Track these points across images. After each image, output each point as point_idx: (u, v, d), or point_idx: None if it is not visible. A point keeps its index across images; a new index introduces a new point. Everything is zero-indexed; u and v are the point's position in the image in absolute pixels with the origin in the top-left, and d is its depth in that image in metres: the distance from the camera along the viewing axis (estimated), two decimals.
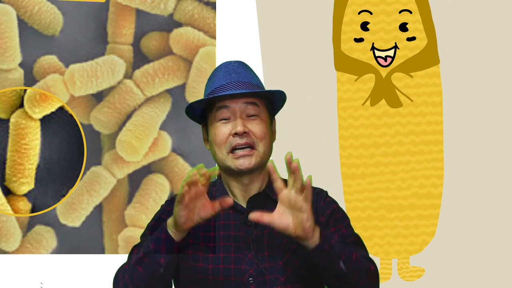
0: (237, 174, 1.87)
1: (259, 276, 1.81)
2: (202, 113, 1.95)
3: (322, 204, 1.92)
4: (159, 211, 1.96)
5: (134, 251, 1.84)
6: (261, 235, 1.84)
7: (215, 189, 1.93)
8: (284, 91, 1.91)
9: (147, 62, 2.89)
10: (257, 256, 1.83)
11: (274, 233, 1.84)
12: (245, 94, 1.85)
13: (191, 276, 1.84)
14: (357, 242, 1.91)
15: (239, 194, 1.91)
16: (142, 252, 1.77)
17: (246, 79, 1.87)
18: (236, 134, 1.83)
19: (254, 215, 1.70)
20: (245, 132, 1.83)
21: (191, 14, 2.89)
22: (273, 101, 1.94)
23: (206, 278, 1.82)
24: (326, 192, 1.97)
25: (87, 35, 2.87)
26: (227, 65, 1.92)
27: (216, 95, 1.85)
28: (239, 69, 1.90)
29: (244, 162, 1.84)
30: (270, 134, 1.90)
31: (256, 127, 1.85)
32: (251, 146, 1.84)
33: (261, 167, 1.89)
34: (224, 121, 1.86)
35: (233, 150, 1.84)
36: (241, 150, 1.84)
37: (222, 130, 1.85)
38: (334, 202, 1.95)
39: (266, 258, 1.83)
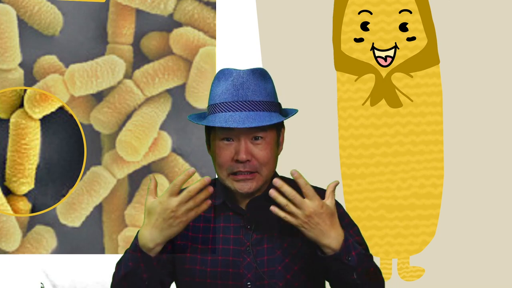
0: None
1: (257, 281, 1.79)
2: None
3: None
4: None
5: (121, 262, 1.79)
6: (261, 238, 1.82)
7: (215, 189, 1.88)
8: (296, 109, 1.86)
9: (147, 62, 2.88)
10: (256, 260, 1.80)
11: (275, 237, 1.83)
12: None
13: (189, 279, 1.82)
14: (367, 250, 1.89)
15: (239, 197, 1.87)
16: (123, 271, 1.73)
17: (254, 97, 1.77)
18: (238, 160, 1.77)
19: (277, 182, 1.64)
20: (248, 160, 1.76)
21: (191, 14, 2.89)
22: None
23: (203, 281, 1.81)
24: None
25: (87, 35, 2.87)
26: (236, 76, 1.78)
27: (218, 123, 1.74)
28: (247, 83, 1.77)
29: (244, 186, 1.79)
30: (275, 153, 1.83)
31: (260, 153, 1.77)
32: (253, 172, 1.78)
33: (262, 187, 1.84)
34: (226, 141, 1.78)
35: (234, 173, 1.79)
36: (242, 174, 1.78)
37: (224, 152, 1.78)
38: (340, 207, 1.90)
39: (265, 262, 1.80)
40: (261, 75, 1.81)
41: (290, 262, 1.82)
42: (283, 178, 1.93)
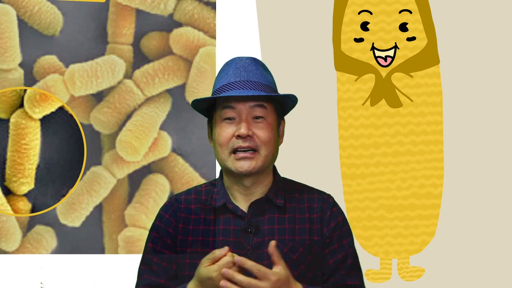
0: (238, 176, 1.83)
1: None
2: (208, 109, 1.89)
3: (328, 215, 1.87)
4: (157, 218, 1.92)
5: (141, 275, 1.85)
6: (262, 242, 1.81)
7: (216, 191, 1.89)
8: (295, 95, 1.86)
9: (147, 62, 2.89)
10: None
11: (276, 241, 1.82)
12: (252, 96, 1.80)
13: None
14: (355, 265, 1.88)
15: (240, 198, 1.86)
16: None
17: (256, 78, 1.82)
18: (239, 136, 1.79)
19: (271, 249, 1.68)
20: (248, 135, 1.78)
21: (191, 14, 2.89)
22: (283, 103, 1.89)
23: None
24: (333, 200, 1.92)
25: (87, 35, 2.87)
26: (238, 61, 1.86)
27: (221, 94, 1.80)
28: (250, 66, 1.84)
29: (244, 164, 1.80)
30: (276, 137, 1.85)
31: (261, 131, 1.80)
32: (254, 149, 1.80)
33: (263, 170, 1.84)
34: (228, 120, 1.81)
35: (235, 151, 1.80)
36: (243, 152, 1.79)
37: (226, 130, 1.80)
38: (340, 214, 1.91)
39: (266, 266, 1.74)
40: (262, 65, 1.88)
41: (291, 267, 1.78)
42: (284, 180, 1.94)
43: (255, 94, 1.78)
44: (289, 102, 1.89)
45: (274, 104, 1.85)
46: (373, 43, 2.82)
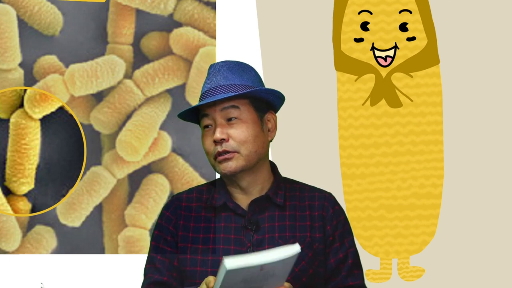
0: (228, 177, 1.86)
1: None
2: (197, 119, 1.93)
3: (331, 213, 1.88)
4: (159, 216, 1.93)
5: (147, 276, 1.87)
6: (262, 239, 1.82)
7: (217, 190, 1.90)
8: (266, 87, 1.87)
9: (147, 62, 2.89)
10: None
11: (276, 238, 1.83)
12: (222, 99, 1.80)
13: (190, 281, 1.82)
14: (356, 265, 1.89)
15: (240, 197, 1.88)
16: None
17: (227, 81, 1.83)
18: (215, 141, 1.82)
19: None
20: (223, 139, 1.81)
21: (191, 14, 2.90)
22: (263, 99, 1.87)
23: None
24: (334, 198, 1.93)
25: (87, 35, 2.87)
26: (214, 67, 1.88)
27: (188, 108, 1.87)
28: (222, 70, 1.85)
29: (226, 166, 1.82)
30: (259, 133, 1.85)
31: (235, 131, 1.81)
32: (231, 151, 1.82)
33: (250, 168, 1.85)
34: (207, 128, 1.85)
35: (217, 155, 1.83)
36: (222, 155, 1.82)
37: (207, 138, 1.85)
38: (342, 212, 1.92)
39: None
40: (237, 64, 1.87)
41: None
42: (285, 179, 1.95)
43: (216, 98, 1.79)
44: (271, 96, 1.88)
45: (250, 101, 1.85)
46: (373, 43, 2.82)
